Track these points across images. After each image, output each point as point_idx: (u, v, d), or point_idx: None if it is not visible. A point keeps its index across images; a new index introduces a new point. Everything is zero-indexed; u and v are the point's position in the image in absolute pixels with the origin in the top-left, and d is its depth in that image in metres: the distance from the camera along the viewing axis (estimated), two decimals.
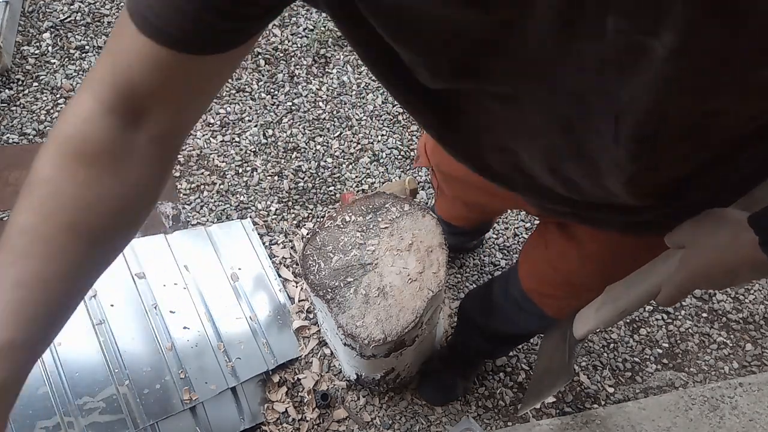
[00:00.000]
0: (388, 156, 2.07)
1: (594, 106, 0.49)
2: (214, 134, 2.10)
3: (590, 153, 0.56)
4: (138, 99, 0.57)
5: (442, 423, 1.64)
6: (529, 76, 0.49)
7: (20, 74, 2.14)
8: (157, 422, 1.46)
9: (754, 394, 1.68)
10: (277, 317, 1.73)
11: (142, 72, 0.55)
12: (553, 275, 1.03)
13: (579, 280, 0.99)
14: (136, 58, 0.54)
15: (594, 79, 0.46)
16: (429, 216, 1.41)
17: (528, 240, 1.14)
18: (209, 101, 0.65)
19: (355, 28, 0.53)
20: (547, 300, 1.09)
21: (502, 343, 1.48)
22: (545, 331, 1.14)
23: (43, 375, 1.44)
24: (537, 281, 1.10)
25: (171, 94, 0.58)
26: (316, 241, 1.39)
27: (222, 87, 0.64)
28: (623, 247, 0.86)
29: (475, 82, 0.53)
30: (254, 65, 2.27)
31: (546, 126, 0.56)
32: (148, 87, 0.56)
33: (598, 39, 0.42)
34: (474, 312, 1.43)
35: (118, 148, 0.58)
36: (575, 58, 0.45)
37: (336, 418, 1.63)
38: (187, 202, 1.95)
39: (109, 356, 1.51)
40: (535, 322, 1.17)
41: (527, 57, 0.47)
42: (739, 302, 1.88)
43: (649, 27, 0.39)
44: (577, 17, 0.41)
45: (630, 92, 0.45)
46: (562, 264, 1.00)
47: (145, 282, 1.65)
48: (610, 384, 1.74)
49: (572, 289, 1.02)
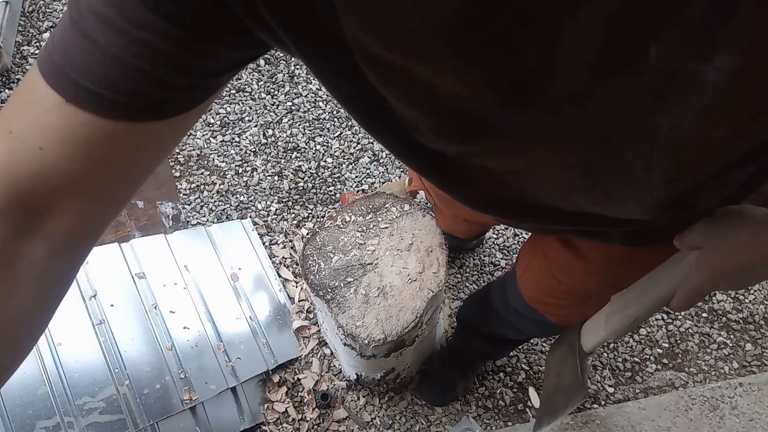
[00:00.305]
0: (388, 156, 2.07)
1: (621, 138, 0.44)
2: (214, 134, 2.10)
3: (606, 184, 0.51)
4: (43, 195, 0.43)
5: (442, 423, 1.64)
6: (548, 126, 0.43)
7: (20, 74, 2.14)
8: (157, 422, 1.46)
9: (754, 394, 1.68)
10: (277, 317, 1.73)
11: (56, 153, 0.41)
12: (558, 287, 0.99)
13: (587, 289, 0.95)
14: (50, 134, 0.41)
15: (621, 113, 0.40)
16: (429, 216, 1.41)
17: (523, 249, 1.10)
18: (135, 189, 0.49)
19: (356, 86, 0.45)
20: (552, 309, 1.05)
21: (502, 346, 1.47)
22: (548, 335, 1.12)
23: (43, 375, 1.44)
24: (540, 292, 1.05)
25: (90, 182, 0.44)
26: (316, 241, 1.39)
27: (154, 169, 0.50)
28: (631, 255, 0.82)
29: (486, 143, 0.46)
30: (254, 65, 2.27)
31: (560, 165, 0.49)
32: (61, 175, 0.42)
33: (637, 72, 0.36)
34: (473, 321, 1.43)
35: (3, 261, 0.45)
36: (603, 95, 0.39)
37: (336, 418, 1.63)
38: (187, 202, 1.95)
39: (109, 356, 1.51)
40: (538, 327, 1.15)
41: (550, 106, 0.40)
42: (739, 302, 1.88)
43: (702, 52, 0.34)
44: (615, 50, 0.35)
45: (671, 121, 0.40)
46: (566, 277, 0.96)
47: (145, 282, 1.65)
48: (610, 384, 1.74)
49: (580, 298, 0.98)
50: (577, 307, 1.00)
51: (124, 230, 1.83)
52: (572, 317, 1.02)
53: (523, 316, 1.13)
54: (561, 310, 1.04)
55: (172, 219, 1.90)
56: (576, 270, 0.93)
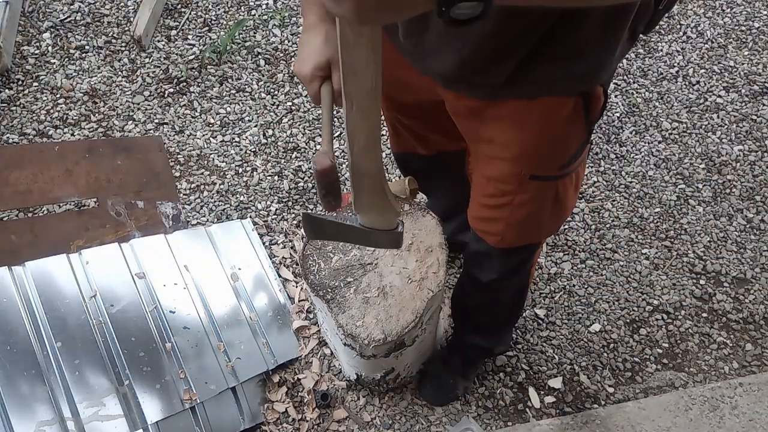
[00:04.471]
0: (388, 156, 2.07)
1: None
2: (214, 134, 2.10)
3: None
4: None
5: (442, 423, 1.65)
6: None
7: (20, 74, 2.15)
8: (157, 422, 1.46)
9: (754, 394, 1.68)
10: (277, 317, 1.73)
11: None
12: (486, 185, 1.12)
13: (505, 166, 1.06)
14: None
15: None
16: (429, 216, 1.41)
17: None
18: None
19: None
20: (488, 226, 1.20)
21: (489, 332, 1.59)
22: (501, 274, 1.31)
23: (43, 375, 1.44)
24: (477, 207, 1.20)
25: None
26: (316, 241, 1.39)
27: None
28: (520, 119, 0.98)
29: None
30: (254, 65, 2.27)
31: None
32: None
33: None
34: (458, 292, 1.59)
35: None
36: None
37: (336, 418, 1.63)
38: (187, 202, 1.95)
39: (110, 356, 1.51)
40: (489, 265, 1.31)
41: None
42: (739, 302, 1.88)
43: None
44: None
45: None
46: (488, 168, 1.09)
47: (145, 282, 1.65)
48: (610, 384, 1.74)
49: (502, 195, 1.10)
50: (506, 210, 1.12)
51: (124, 230, 1.83)
52: (507, 235, 1.17)
53: (478, 253, 1.30)
54: (495, 225, 1.17)
55: (172, 219, 1.90)
56: (489, 154, 1.08)
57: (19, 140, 2.00)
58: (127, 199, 1.89)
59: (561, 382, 1.72)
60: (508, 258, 1.29)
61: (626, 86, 2.32)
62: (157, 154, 2.03)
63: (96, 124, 2.07)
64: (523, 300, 1.52)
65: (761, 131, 2.21)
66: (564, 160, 1.04)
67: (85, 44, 2.25)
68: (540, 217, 1.16)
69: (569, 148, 1.03)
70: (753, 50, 2.43)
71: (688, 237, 1.99)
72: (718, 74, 2.36)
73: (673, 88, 2.32)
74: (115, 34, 2.29)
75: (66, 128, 2.05)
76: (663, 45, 2.43)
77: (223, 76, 2.23)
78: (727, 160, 2.15)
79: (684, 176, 2.11)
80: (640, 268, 1.93)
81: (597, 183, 2.09)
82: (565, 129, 0.99)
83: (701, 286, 1.91)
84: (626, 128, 2.22)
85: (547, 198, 1.12)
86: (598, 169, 2.12)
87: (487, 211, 1.17)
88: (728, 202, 2.06)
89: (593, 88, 0.95)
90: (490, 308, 1.51)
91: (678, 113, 2.26)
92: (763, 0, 2.57)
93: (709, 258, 1.95)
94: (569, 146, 1.02)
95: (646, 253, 1.96)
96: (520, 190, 1.08)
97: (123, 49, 2.26)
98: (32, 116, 2.06)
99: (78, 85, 2.15)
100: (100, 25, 2.31)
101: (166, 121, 2.11)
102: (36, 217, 1.85)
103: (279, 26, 2.37)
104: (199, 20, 2.36)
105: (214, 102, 2.17)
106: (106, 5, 2.36)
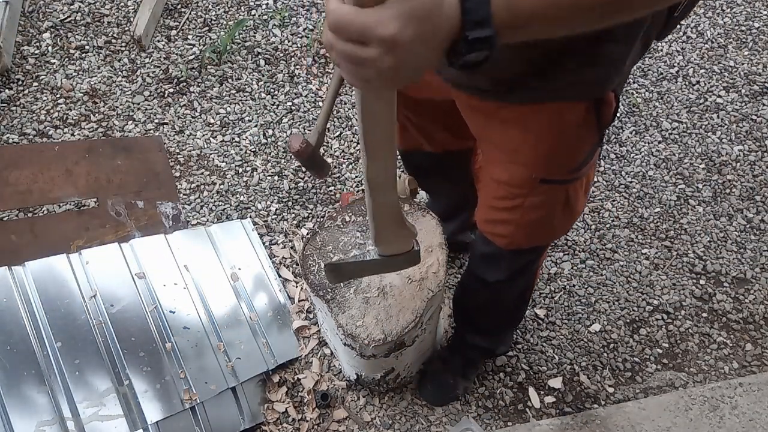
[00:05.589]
0: None
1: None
2: (214, 134, 2.10)
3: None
4: None
5: (442, 423, 1.65)
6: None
7: (20, 74, 2.15)
8: (157, 422, 1.46)
9: (754, 394, 1.68)
10: (277, 317, 1.73)
11: None
12: (497, 188, 1.12)
13: (519, 174, 1.06)
14: None
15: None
16: (429, 216, 1.41)
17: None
18: None
19: None
20: (498, 228, 1.19)
21: (490, 333, 1.58)
22: (505, 274, 1.30)
23: (43, 375, 1.44)
24: (485, 209, 1.19)
25: None
26: (316, 241, 1.39)
27: None
28: (532, 123, 0.98)
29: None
30: (254, 65, 2.27)
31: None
32: None
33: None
34: (459, 293, 1.58)
35: None
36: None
37: (336, 418, 1.63)
38: (187, 202, 1.95)
39: (110, 356, 1.51)
40: (497, 266, 1.30)
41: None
42: (739, 302, 1.88)
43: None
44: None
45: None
46: (499, 170, 1.09)
47: (145, 282, 1.65)
48: (610, 384, 1.74)
49: (512, 198, 1.10)
50: (517, 213, 1.11)
51: (124, 230, 1.83)
52: (517, 237, 1.16)
53: (484, 255, 1.30)
54: (504, 227, 1.16)
55: (172, 219, 1.90)
56: (499, 153, 1.07)
57: (19, 140, 2.00)
58: (127, 199, 1.89)
59: (561, 382, 1.72)
60: (517, 259, 1.29)
61: (626, 86, 2.32)
62: (157, 154, 2.03)
63: (96, 124, 2.07)
64: (526, 302, 1.52)
65: (761, 131, 2.22)
66: (575, 164, 1.04)
67: (85, 44, 2.25)
68: (550, 220, 1.15)
69: (581, 152, 1.02)
70: (753, 50, 2.43)
71: (688, 237, 1.99)
72: (718, 74, 2.36)
73: (673, 88, 2.32)
74: (115, 34, 2.29)
75: (66, 128, 2.05)
76: (663, 45, 2.43)
77: (223, 76, 2.23)
78: (727, 160, 2.15)
79: (684, 176, 2.11)
80: (640, 268, 1.93)
81: (597, 183, 2.09)
82: (577, 133, 0.99)
83: (701, 286, 1.91)
84: (626, 128, 2.22)
85: (557, 201, 1.11)
86: (598, 169, 2.12)
87: (497, 213, 1.17)
88: (728, 202, 2.06)
89: (605, 93, 0.95)
90: (493, 309, 1.50)
91: (678, 113, 2.26)
92: (763, 0, 2.57)
93: (709, 258, 1.95)
94: (581, 150, 1.02)
95: (646, 253, 1.96)
96: (531, 193, 1.08)
97: (123, 49, 2.26)
98: (32, 116, 2.06)
99: (78, 85, 2.15)
100: (100, 25, 2.31)
101: (166, 121, 2.11)
102: (36, 217, 1.85)
103: (279, 26, 2.37)
104: (199, 20, 2.36)
105: (214, 102, 2.17)
106: (106, 5, 2.36)
